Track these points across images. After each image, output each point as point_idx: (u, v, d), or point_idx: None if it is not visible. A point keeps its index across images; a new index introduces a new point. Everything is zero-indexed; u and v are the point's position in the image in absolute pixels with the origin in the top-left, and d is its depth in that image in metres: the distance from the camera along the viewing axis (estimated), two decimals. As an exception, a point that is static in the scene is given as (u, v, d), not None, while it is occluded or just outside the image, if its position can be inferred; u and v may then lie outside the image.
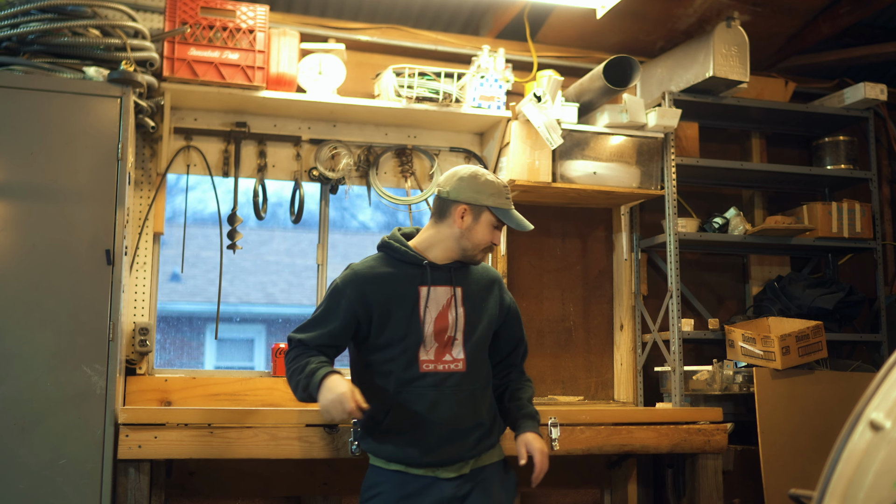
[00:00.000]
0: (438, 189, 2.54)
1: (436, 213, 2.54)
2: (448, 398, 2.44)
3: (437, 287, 2.48)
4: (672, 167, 4.28)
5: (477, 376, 2.51)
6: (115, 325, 2.93)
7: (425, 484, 2.43)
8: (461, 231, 2.48)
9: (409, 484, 2.44)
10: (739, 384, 4.13)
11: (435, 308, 2.47)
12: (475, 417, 2.48)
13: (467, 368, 2.47)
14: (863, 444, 1.26)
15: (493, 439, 2.55)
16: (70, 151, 2.98)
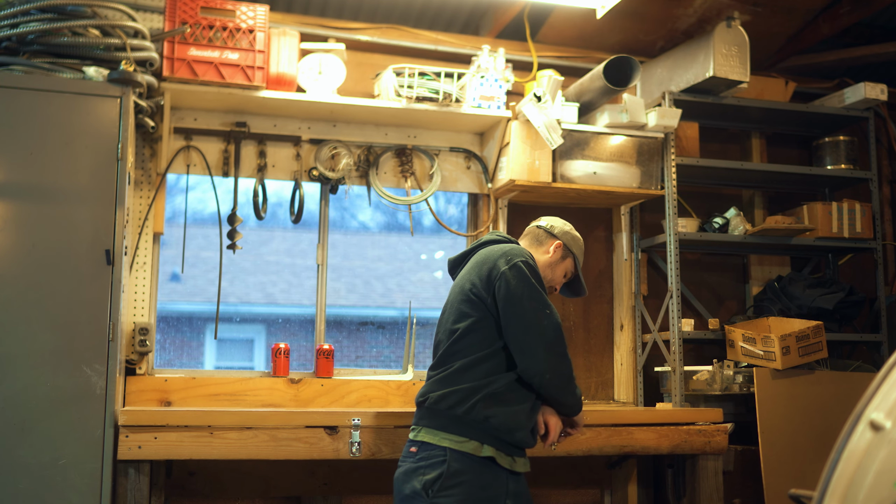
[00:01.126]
0: (542, 224, 2.87)
1: (533, 240, 2.85)
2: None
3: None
4: (672, 167, 4.28)
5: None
6: (115, 325, 2.93)
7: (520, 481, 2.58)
8: (550, 261, 2.79)
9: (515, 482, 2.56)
10: (739, 384, 4.13)
11: None
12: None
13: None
14: (863, 445, 1.26)
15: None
16: (70, 151, 2.98)
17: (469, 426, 2.46)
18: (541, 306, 2.50)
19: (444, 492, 2.40)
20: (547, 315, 2.50)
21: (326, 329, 4.22)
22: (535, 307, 2.49)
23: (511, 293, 2.49)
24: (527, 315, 2.48)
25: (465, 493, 2.41)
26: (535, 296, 2.51)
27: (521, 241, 2.87)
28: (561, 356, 2.52)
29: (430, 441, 2.47)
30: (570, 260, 2.83)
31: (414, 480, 2.45)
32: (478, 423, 2.45)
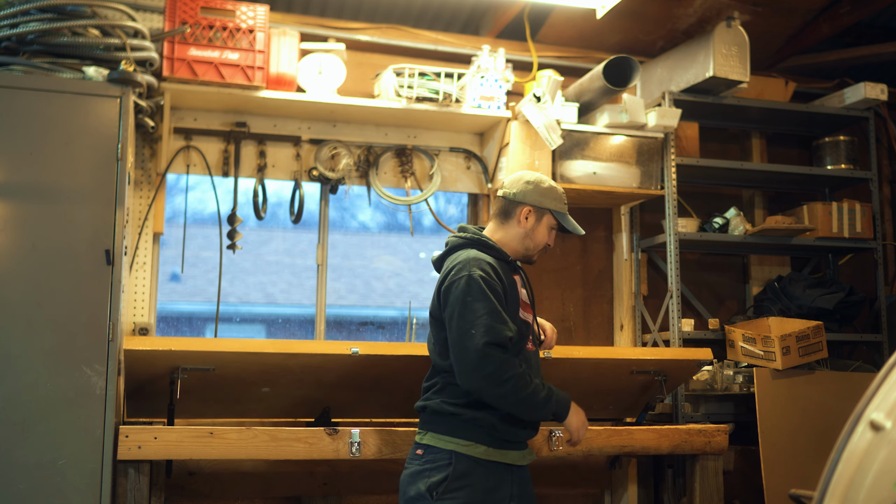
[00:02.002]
0: (503, 191, 2.68)
1: (500, 214, 2.69)
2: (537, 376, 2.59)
3: (517, 276, 2.68)
4: (672, 167, 4.28)
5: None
6: (115, 325, 2.93)
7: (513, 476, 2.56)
8: (524, 231, 2.65)
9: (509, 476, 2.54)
10: (740, 384, 4.13)
11: (525, 291, 2.69)
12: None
13: (535, 347, 2.69)
14: (863, 445, 1.25)
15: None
16: (70, 151, 2.97)
17: (474, 429, 2.47)
18: (467, 327, 2.38)
19: (448, 494, 2.40)
20: (471, 336, 2.37)
21: (326, 329, 4.22)
22: (461, 328, 2.40)
23: (448, 314, 2.46)
24: (454, 336, 2.42)
25: (469, 495, 2.41)
26: (465, 315, 2.40)
27: (491, 221, 2.70)
28: (487, 378, 2.37)
29: (436, 445, 2.48)
30: (547, 216, 2.66)
31: (419, 482, 2.44)
32: (480, 426, 2.47)
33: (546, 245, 2.69)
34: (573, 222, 2.71)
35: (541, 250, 2.70)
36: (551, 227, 2.69)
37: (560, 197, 2.69)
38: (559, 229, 2.72)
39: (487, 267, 2.50)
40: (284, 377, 3.22)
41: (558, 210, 2.68)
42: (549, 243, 2.70)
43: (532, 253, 2.69)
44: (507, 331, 2.43)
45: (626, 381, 3.60)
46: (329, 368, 3.20)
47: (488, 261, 2.54)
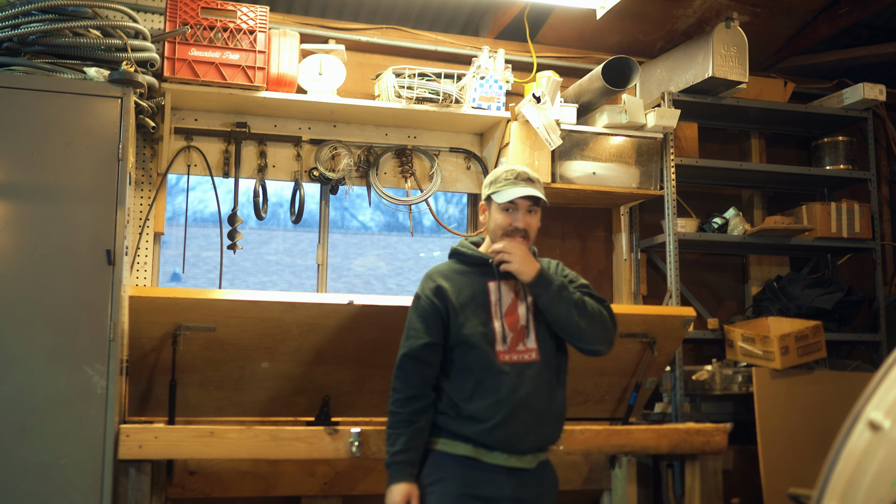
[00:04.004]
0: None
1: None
2: (526, 385, 2.55)
3: (504, 281, 2.63)
4: (671, 167, 4.28)
5: (550, 365, 2.62)
6: (116, 325, 2.93)
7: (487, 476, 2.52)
8: (487, 225, 2.69)
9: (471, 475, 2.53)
10: (739, 384, 4.14)
11: (506, 301, 2.62)
12: (557, 404, 2.61)
13: (541, 357, 2.60)
14: (862, 444, 1.26)
15: (556, 435, 2.65)
16: (70, 152, 2.98)
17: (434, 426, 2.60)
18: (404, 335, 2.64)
19: (428, 487, 2.54)
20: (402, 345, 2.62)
21: (326, 329, 4.22)
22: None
23: None
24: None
25: (446, 489, 2.51)
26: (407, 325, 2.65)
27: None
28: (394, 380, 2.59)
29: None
30: (493, 202, 2.64)
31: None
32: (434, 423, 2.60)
33: (509, 226, 2.61)
34: (508, 191, 2.60)
35: (504, 234, 2.62)
36: (502, 208, 2.63)
37: (499, 177, 2.64)
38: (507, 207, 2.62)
39: (431, 283, 2.64)
40: (283, 344, 3.24)
41: (495, 190, 2.63)
42: (511, 224, 2.60)
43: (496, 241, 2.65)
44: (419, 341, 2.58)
45: (615, 348, 3.62)
46: (327, 326, 3.21)
47: (446, 272, 2.66)
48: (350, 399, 3.50)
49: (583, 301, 2.60)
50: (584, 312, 2.60)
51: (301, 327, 3.22)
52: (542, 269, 2.57)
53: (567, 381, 2.71)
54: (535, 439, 2.59)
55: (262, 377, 3.33)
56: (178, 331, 3.11)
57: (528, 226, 2.63)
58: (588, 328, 2.60)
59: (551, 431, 2.63)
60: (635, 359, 3.74)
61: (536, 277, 2.54)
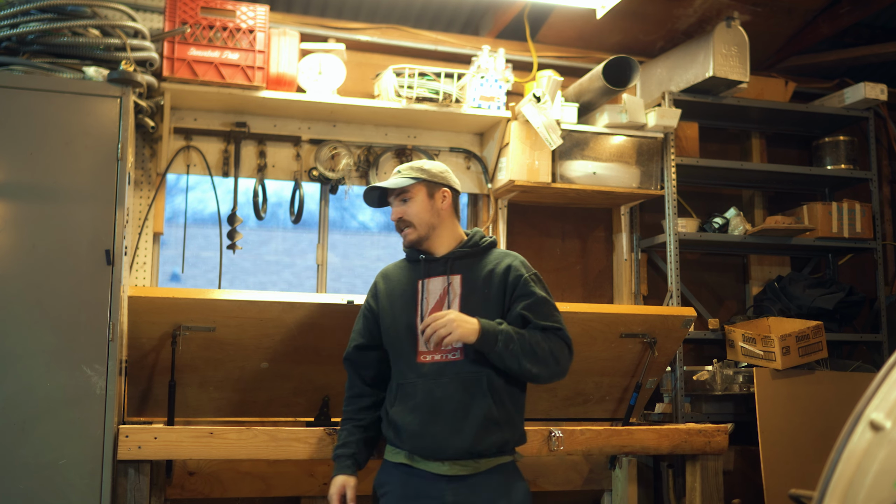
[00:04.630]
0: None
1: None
2: (443, 388, 2.45)
3: (433, 279, 2.57)
4: (672, 167, 4.28)
5: (478, 366, 2.46)
6: (115, 325, 2.93)
7: (425, 484, 2.46)
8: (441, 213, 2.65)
9: (410, 483, 2.48)
10: (740, 384, 4.13)
11: (432, 299, 2.54)
12: (479, 407, 2.43)
13: (465, 357, 2.47)
14: (863, 445, 1.25)
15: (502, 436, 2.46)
16: (70, 151, 2.97)
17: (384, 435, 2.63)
18: None
19: (380, 497, 2.60)
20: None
21: (326, 329, 4.22)
22: None
23: None
24: None
25: (389, 499, 2.54)
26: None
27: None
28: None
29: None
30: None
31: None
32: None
33: (394, 221, 2.62)
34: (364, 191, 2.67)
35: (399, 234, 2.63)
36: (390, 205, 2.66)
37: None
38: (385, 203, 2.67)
39: (373, 283, 2.70)
40: (283, 344, 3.23)
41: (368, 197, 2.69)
42: (393, 218, 2.62)
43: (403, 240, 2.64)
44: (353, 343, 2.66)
45: (615, 348, 3.62)
46: (327, 326, 3.21)
47: (389, 271, 2.69)
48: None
49: (531, 348, 2.43)
50: (535, 359, 2.44)
51: (301, 327, 3.22)
52: (482, 330, 2.38)
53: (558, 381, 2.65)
54: (458, 446, 2.42)
55: (261, 377, 3.33)
56: (178, 331, 3.10)
57: (402, 214, 2.58)
58: (540, 373, 2.47)
59: (474, 439, 2.42)
60: (636, 359, 3.73)
61: (478, 340, 2.39)
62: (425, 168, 2.62)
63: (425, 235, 2.58)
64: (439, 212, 2.59)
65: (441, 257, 2.58)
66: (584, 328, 3.58)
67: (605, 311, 3.68)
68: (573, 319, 3.54)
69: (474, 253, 2.59)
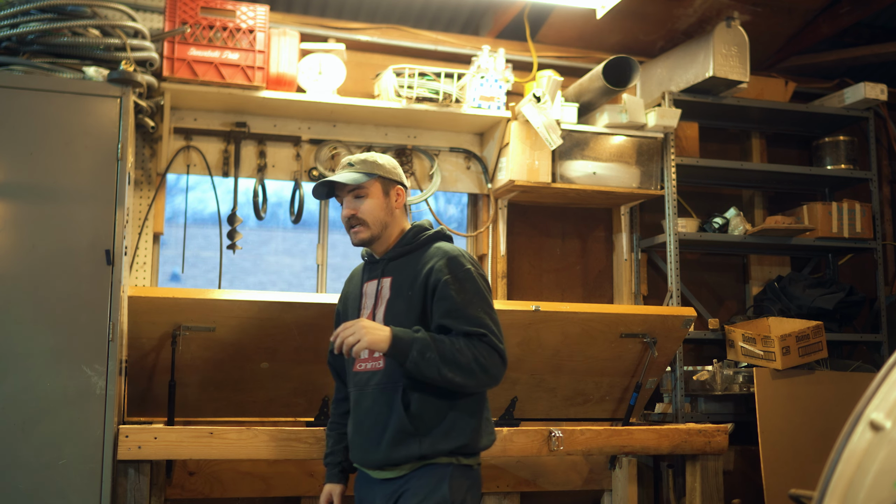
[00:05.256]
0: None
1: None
2: (367, 398, 2.38)
3: (370, 282, 2.48)
4: (672, 167, 4.28)
5: (397, 374, 2.31)
6: (115, 325, 2.93)
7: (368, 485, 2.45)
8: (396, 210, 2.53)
9: (360, 483, 2.50)
10: (740, 384, 4.13)
11: (370, 304, 2.44)
12: (393, 420, 2.30)
13: (385, 365, 2.33)
14: (863, 445, 1.25)
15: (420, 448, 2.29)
16: (70, 151, 2.97)
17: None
18: None
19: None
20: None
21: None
22: None
23: None
24: None
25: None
26: None
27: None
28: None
29: None
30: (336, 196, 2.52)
31: None
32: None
33: (343, 220, 2.45)
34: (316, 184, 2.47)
35: (347, 231, 2.46)
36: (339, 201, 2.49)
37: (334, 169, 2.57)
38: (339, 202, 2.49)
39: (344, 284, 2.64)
40: (283, 344, 3.23)
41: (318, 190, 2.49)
42: (342, 217, 2.46)
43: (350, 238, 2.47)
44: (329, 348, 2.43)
45: (615, 348, 3.62)
46: (327, 326, 3.21)
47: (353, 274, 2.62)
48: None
49: (452, 356, 2.22)
50: (457, 367, 2.22)
51: (300, 327, 3.21)
52: (394, 338, 2.21)
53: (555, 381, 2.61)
54: (377, 458, 2.34)
55: (261, 377, 3.33)
56: (178, 331, 3.10)
57: (356, 212, 2.41)
58: (465, 382, 2.25)
59: (389, 452, 2.30)
60: (636, 359, 3.73)
61: (389, 349, 2.22)
62: (379, 163, 2.45)
63: (377, 235, 2.43)
64: (393, 210, 2.45)
65: (380, 259, 2.47)
66: (584, 328, 3.58)
67: (605, 311, 3.68)
68: (573, 319, 3.55)
69: (409, 251, 2.43)
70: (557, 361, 3.64)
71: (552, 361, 3.64)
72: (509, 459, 3.62)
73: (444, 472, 2.29)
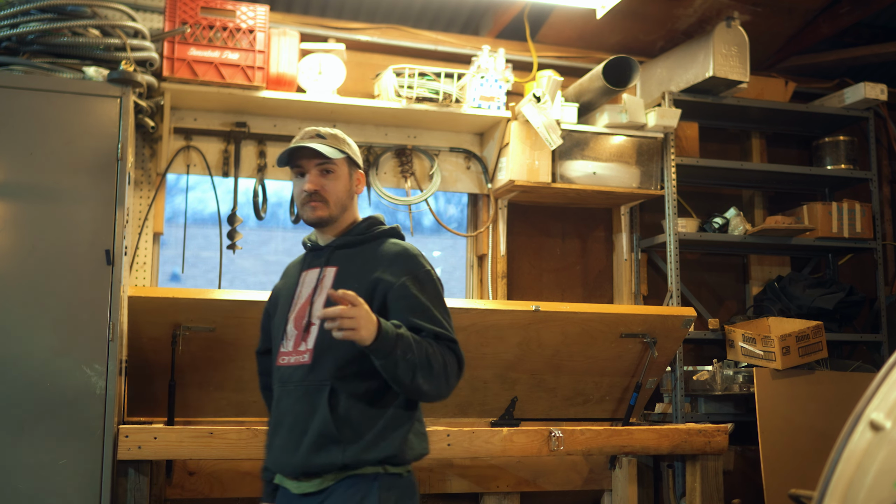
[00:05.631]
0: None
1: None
2: (289, 396, 2.14)
3: (311, 270, 2.25)
4: (672, 167, 4.28)
5: (325, 372, 2.08)
6: (115, 325, 2.93)
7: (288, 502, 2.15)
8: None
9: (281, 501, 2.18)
10: (740, 384, 4.13)
11: (306, 293, 2.21)
12: (316, 422, 2.05)
13: (313, 361, 2.10)
14: (863, 445, 1.25)
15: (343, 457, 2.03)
16: (70, 151, 2.97)
17: None
18: None
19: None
20: None
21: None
22: None
23: None
24: None
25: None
26: None
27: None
28: None
29: None
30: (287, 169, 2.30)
31: None
32: None
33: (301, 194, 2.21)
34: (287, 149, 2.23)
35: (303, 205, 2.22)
36: (294, 175, 2.25)
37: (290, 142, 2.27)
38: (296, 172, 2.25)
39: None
40: None
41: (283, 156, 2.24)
42: (303, 189, 2.20)
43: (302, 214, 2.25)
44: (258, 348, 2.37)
45: (615, 348, 3.62)
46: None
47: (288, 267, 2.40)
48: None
49: (428, 360, 2.01)
50: (430, 374, 2.02)
51: (300, 327, 3.21)
52: (381, 331, 1.94)
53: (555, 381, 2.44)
54: (294, 463, 2.08)
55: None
56: (178, 331, 3.10)
57: (320, 187, 2.19)
58: (430, 391, 2.05)
59: (307, 457, 2.04)
60: (636, 359, 3.74)
61: (375, 342, 1.93)
62: (348, 142, 2.27)
63: (335, 216, 2.22)
64: (353, 195, 2.27)
65: (325, 246, 2.26)
66: (584, 328, 3.58)
67: (605, 311, 3.68)
68: (573, 319, 3.55)
69: (360, 242, 2.23)
70: (557, 361, 3.64)
71: (552, 361, 3.64)
72: (509, 459, 3.62)
73: (369, 484, 2.04)
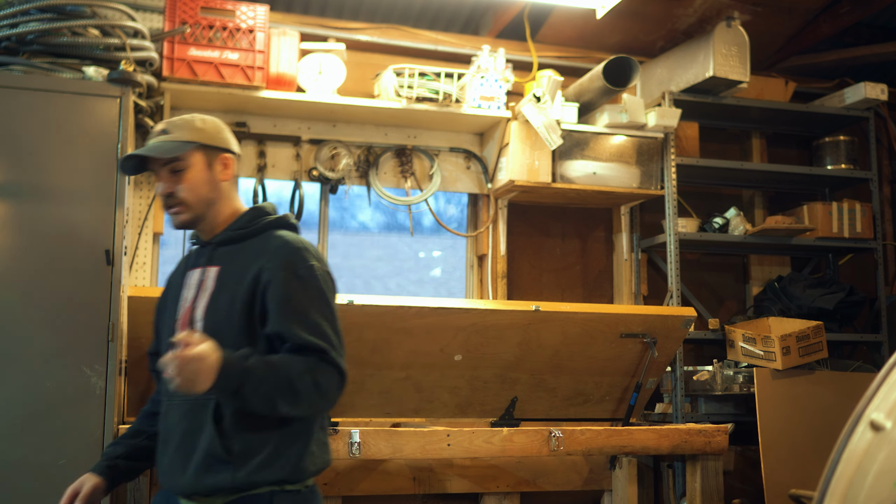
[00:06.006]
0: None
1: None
2: (175, 411, 1.96)
3: (194, 270, 2.05)
4: (672, 167, 4.28)
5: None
6: (115, 325, 2.93)
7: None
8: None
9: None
10: (740, 384, 4.13)
11: (190, 296, 2.02)
12: (203, 441, 1.88)
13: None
14: (863, 445, 1.25)
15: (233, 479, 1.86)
16: (70, 151, 2.98)
17: None
18: None
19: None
20: None
21: (326, 329, 4.21)
22: None
23: None
24: None
25: None
26: None
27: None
28: None
29: None
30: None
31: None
32: None
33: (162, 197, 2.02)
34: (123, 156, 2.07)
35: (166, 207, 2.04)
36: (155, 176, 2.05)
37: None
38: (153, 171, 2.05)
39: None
40: None
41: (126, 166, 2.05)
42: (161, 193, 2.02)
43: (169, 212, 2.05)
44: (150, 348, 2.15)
45: (615, 348, 3.62)
46: None
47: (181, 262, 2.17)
48: (350, 399, 3.49)
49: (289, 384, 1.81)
50: (294, 398, 1.83)
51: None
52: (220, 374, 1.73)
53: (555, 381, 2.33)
54: (183, 484, 1.90)
55: (261, 377, 3.33)
56: None
57: (173, 189, 1.99)
58: (300, 411, 1.88)
59: (195, 478, 1.87)
60: (636, 359, 3.73)
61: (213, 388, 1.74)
62: (198, 127, 2.02)
63: (201, 215, 2.02)
64: (218, 184, 2.03)
65: (207, 243, 2.05)
66: (584, 328, 3.58)
67: (605, 311, 3.68)
68: (573, 319, 3.55)
69: (242, 237, 2.01)
70: (557, 361, 3.64)
71: (552, 361, 3.64)
72: (509, 459, 3.62)
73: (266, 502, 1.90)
